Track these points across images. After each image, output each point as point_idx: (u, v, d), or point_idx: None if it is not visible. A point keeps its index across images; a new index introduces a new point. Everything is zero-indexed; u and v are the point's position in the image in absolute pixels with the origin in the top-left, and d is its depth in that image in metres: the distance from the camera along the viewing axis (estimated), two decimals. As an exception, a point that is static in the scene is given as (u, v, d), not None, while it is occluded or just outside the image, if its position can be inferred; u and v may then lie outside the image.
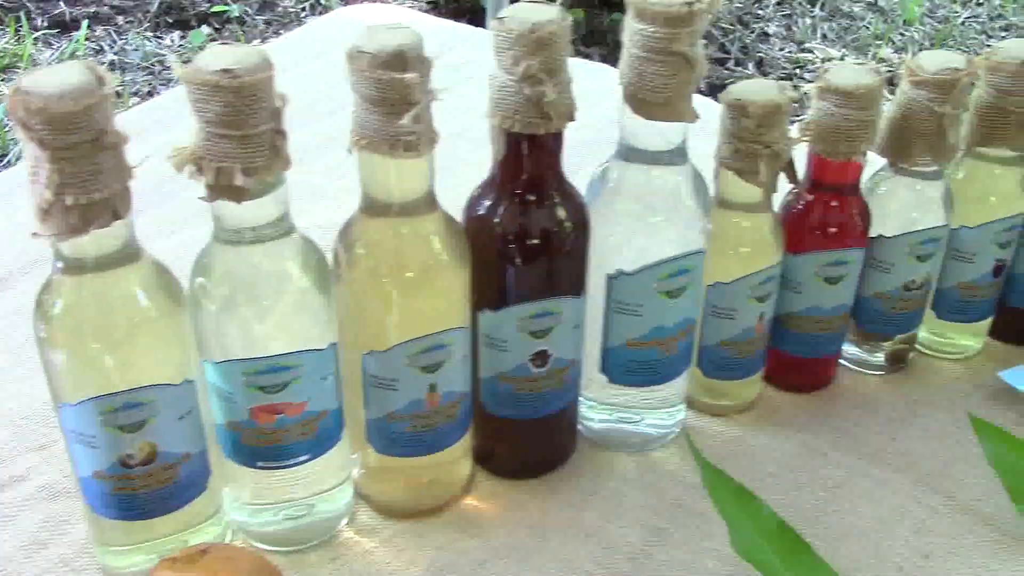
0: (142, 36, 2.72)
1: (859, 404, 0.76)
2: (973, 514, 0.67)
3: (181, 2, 2.88)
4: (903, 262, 0.72)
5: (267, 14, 2.91)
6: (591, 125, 0.60)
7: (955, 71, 0.65)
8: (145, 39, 2.72)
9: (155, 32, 2.78)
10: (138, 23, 2.80)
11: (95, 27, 2.76)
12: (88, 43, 2.64)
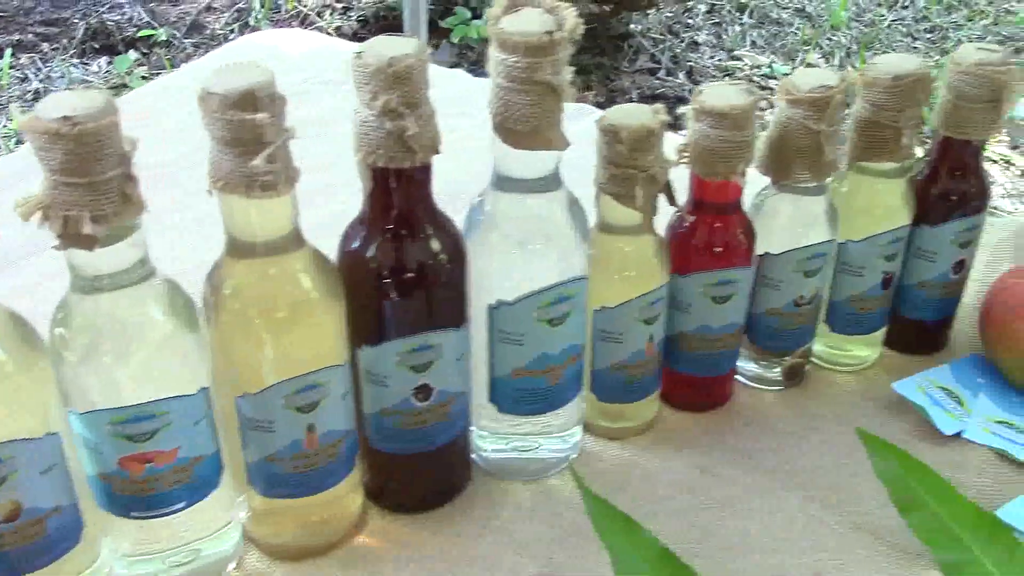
0: (68, 63, 2.68)
1: (756, 421, 0.76)
2: (864, 528, 0.67)
3: (107, 27, 2.85)
4: (791, 278, 0.72)
5: (195, 37, 2.87)
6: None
7: (828, 89, 0.66)
8: (71, 66, 2.68)
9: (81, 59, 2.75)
10: (63, 50, 2.76)
11: (19, 55, 2.72)
12: (13, 71, 2.60)
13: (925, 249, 0.76)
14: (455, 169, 0.65)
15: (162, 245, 0.59)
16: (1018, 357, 0.76)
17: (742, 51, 3.03)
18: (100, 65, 2.74)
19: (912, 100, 0.69)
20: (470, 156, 0.69)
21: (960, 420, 0.75)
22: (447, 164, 0.60)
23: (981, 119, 0.71)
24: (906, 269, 0.78)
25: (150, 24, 2.85)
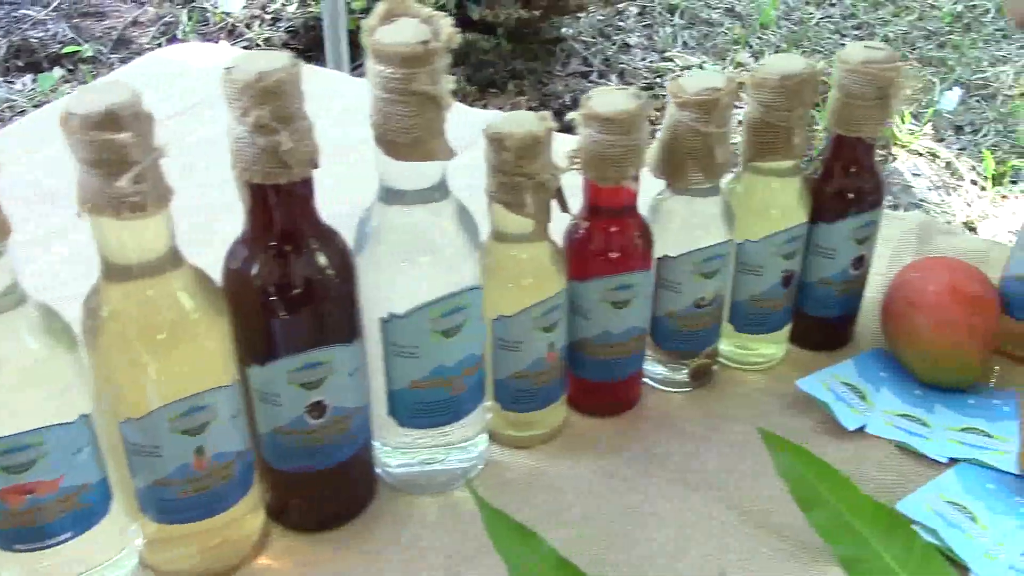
0: (-10, 82, 2.62)
1: (664, 423, 0.76)
2: (767, 527, 0.68)
3: (31, 44, 2.80)
4: (690, 280, 0.73)
5: (122, 52, 2.83)
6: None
7: (715, 91, 0.66)
8: (-7, 85, 2.63)
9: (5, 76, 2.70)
10: (-15, 68, 2.71)
11: (-59, 73, 2.66)
12: (-67, 91, 2.54)
13: (824, 246, 0.77)
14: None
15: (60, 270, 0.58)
16: (918, 350, 0.77)
17: (673, 52, 3.05)
18: (24, 83, 2.69)
19: (800, 100, 0.70)
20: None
21: (863, 415, 0.75)
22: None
23: (871, 116, 0.72)
24: (806, 267, 0.78)
25: (75, 40, 2.80)
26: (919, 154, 2.55)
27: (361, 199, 0.62)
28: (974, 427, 0.75)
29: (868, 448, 0.73)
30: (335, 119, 0.86)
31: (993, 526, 0.67)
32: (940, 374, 0.77)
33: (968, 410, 0.76)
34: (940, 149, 2.57)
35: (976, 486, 0.70)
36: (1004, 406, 0.77)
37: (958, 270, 0.78)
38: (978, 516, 0.68)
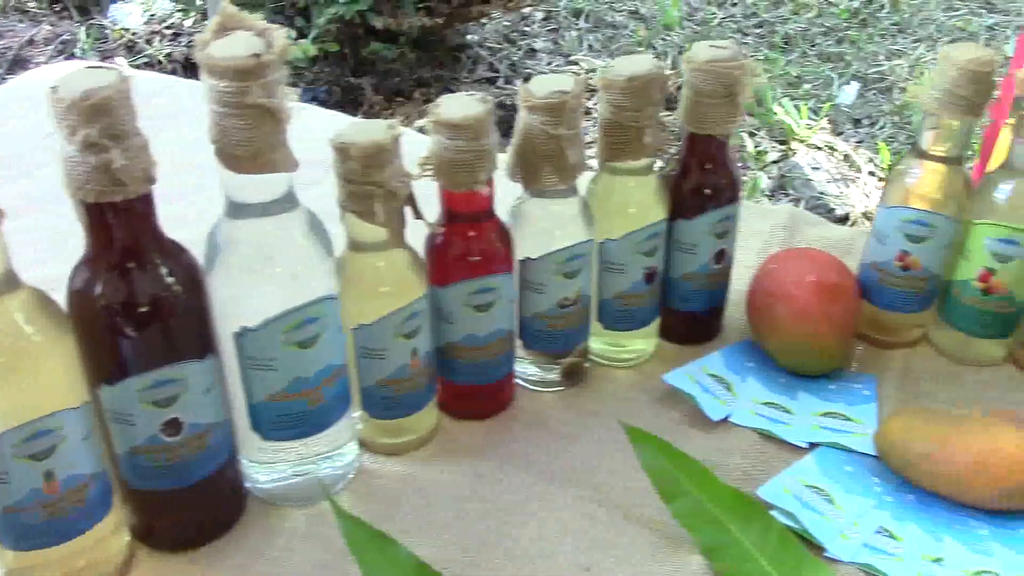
0: None
1: (536, 423, 0.77)
2: (633, 519, 0.69)
3: (-79, 65, 2.72)
4: (553, 280, 0.74)
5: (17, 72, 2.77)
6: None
7: (563, 94, 0.67)
8: None
9: None
10: None
11: None
12: None
13: (684, 242, 0.79)
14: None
15: None
16: (780, 340, 0.79)
17: (579, 55, 3.08)
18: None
19: (649, 99, 0.71)
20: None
21: (728, 405, 0.77)
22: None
23: (720, 114, 0.74)
24: (669, 263, 0.80)
25: (-34, 60, 2.73)
26: (818, 148, 2.61)
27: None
28: (835, 412, 0.77)
29: (733, 437, 0.75)
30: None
31: (849, 507, 0.69)
32: (801, 362, 0.79)
33: (829, 395, 0.79)
34: (838, 142, 2.63)
35: (834, 469, 0.72)
36: (864, 390, 0.79)
37: (816, 260, 0.81)
38: (835, 498, 0.70)
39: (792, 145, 2.62)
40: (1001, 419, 0.69)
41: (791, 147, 2.61)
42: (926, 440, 0.69)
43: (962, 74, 0.72)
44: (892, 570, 0.65)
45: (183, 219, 0.61)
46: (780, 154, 2.59)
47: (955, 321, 0.82)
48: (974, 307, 0.80)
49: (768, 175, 2.50)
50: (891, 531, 0.68)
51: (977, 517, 0.69)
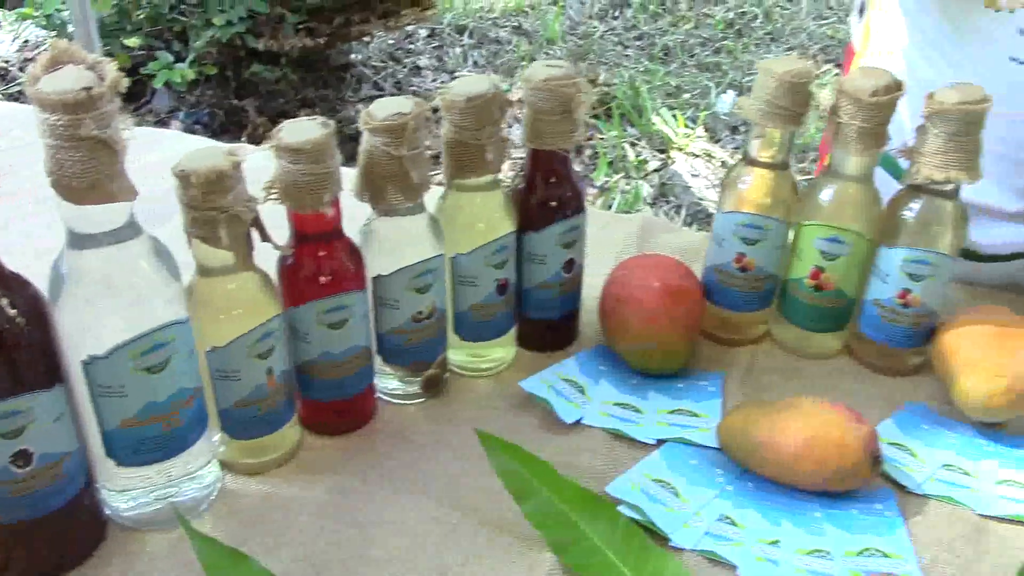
0: None
1: (397, 435, 0.79)
2: (488, 522, 0.71)
3: None
4: (405, 296, 0.76)
5: None
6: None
7: (403, 115, 0.70)
8: None
9: None
10: None
11: None
12: None
13: (534, 253, 0.82)
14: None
15: None
16: (629, 342, 0.83)
17: (463, 72, 3.12)
18: None
19: (489, 118, 0.74)
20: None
21: (581, 408, 0.80)
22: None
23: (559, 130, 0.77)
24: (522, 274, 0.83)
25: None
26: (696, 155, 2.69)
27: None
28: (682, 409, 0.81)
29: (585, 438, 0.78)
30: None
31: (693, 497, 0.73)
32: (650, 363, 0.83)
33: (678, 393, 0.83)
34: (716, 149, 2.72)
35: (679, 463, 0.76)
36: (710, 387, 0.84)
37: (661, 265, 0.85)
38: (680, 490, 0.73)
39: (671, 154, 2.69)
40: (828, 406, 0.73)
41: (670, 156, 2.68)
42: (762, 429, 0.74)
43: (781, 86, 0.77)
44: (732, 555, 0.69)
45: (50, 251, 0.62)
46: (660, 163, 2.67)
47: (793, 317, 0.87)
48: (808, 303, 0.85)
49: (649, 184, 2.57)
50: (732, 518, 0.72)
51: (811, 500, 0.73)
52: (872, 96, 0.76)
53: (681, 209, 2.49)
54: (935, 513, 0.73)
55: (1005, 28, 0.82)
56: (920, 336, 0.84)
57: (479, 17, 3.53)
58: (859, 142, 0.77)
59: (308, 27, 2.67)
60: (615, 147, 2.68)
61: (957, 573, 0.69)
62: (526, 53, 3.24)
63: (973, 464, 0.77)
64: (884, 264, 0.82)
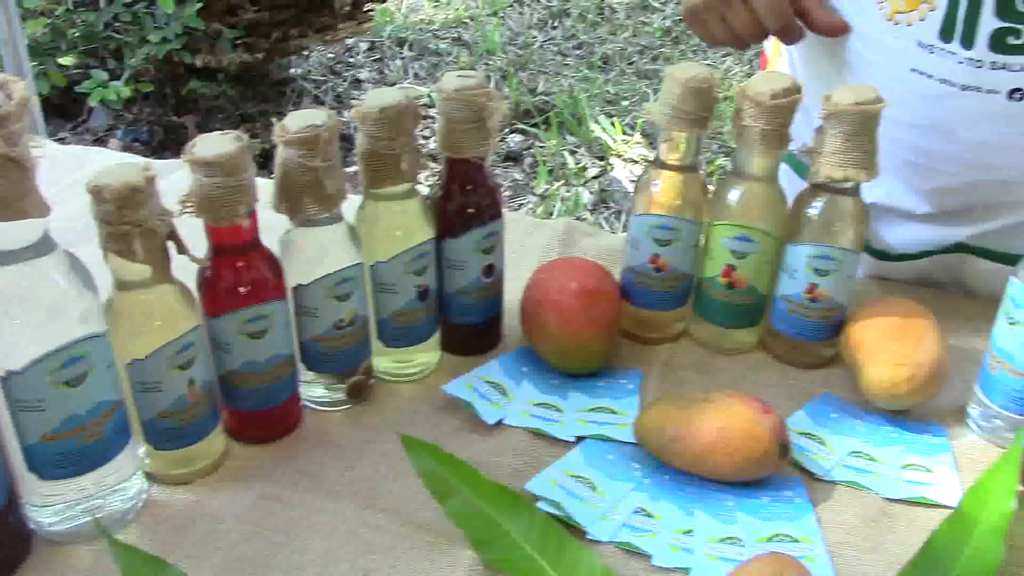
0: None
1: (323, 442, 0.80)
2: (411, 523, 0.73)
3: None
4: (326, 304, 0.77)
5: None
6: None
7: (316, 127, 0.71)
8: None
9: None
10: None
11: None
12: None
13: (454, 259, 0.84)
14: None
15: None
16: (549, 343, 0.85)
17: (404, 84, 3.14)
18: None
19: (402, 128, 0.76)
20: None
21: (503, 409, 0.82)
22: None
23: (473, 138, 0.79)
24: (443, 280, 0.85)
25: None
26: (635, 161, 2.73)
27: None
28: (601, 406, 0.83)
29: (507, 438, 0.80)
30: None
31: (610, 491, 0.75)
32: (569, 363, 0.86)
33: (597, 392, 0.85)
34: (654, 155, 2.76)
35: (598, 459, 0.78)
36: (629, 384, 0.86)
37: (579, 268, 0.87)
38: (597, 485, 0.76)
39: (610, 160, 2.73)
40: (738, 399, 0.76)
41: (609, 162, 2.72)
42: (676, 424, 0.76)
43: (685, 91, 0.80)
44: (647, 545, 0.71)
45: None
46: (599, 169, 2.70)
47: (708, 315, 0.90)
48: (722, 301, 0.88)
49: (589, 190, 2.61)
50: (648, 510, 0.74)
51: (724, 490, 0.76)
52: (772, 99, 0.79)
53: (621, 214, 2.52)
54: (842, 498, 0.76)
55: (906, 41, 0.86)
56: (829, 329, 0.87)
57: (419, 29, 3.55)
58: (762, 143, 0.80)
59: (246, 42, 2.67)
60: (555, 155, 2.71)
61: (862, 554, 0.72)
62: (466, 64, 3.26)
63: (879, 451, 0.80)
64: (791, 261, 0.85)
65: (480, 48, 3.43)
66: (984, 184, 0.91)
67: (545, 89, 3.09)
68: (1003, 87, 0.83)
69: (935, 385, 0.82)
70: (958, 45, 0.83)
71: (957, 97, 0.84)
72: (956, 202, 0.93)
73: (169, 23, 2.32)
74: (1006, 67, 0.82)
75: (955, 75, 0.84)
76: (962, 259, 0.99)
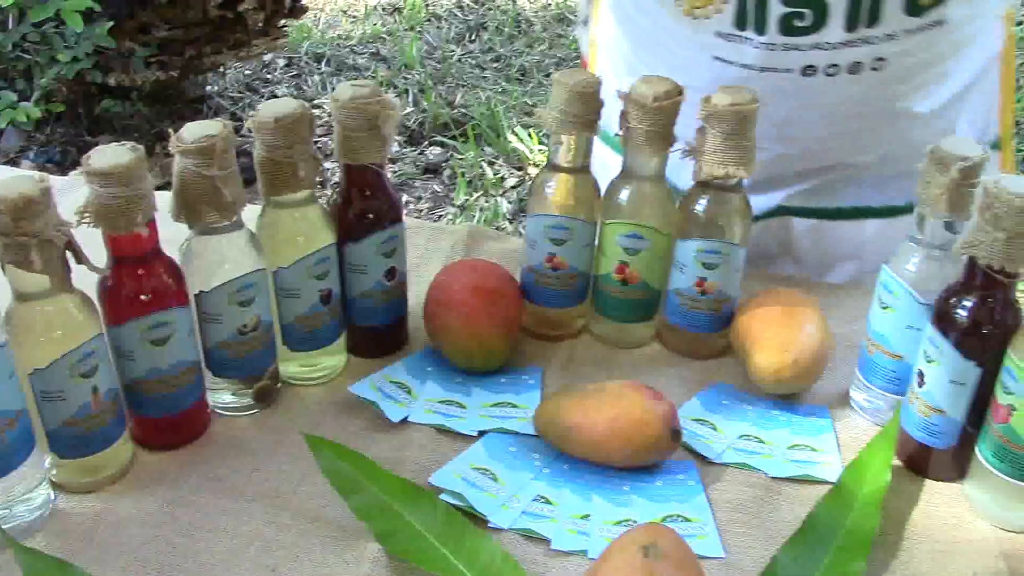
0: None
1: (231, 446, 0.82)
2: (317, 520, 0.75)
3: None
4: (229, 311, 0.79)
5: None
6: None
7: (211, 137, 0.73)
8: None
9: None
10: None
11: None
12: None
13: (355, 264, 0.86)
14: None
15: None
16: (451, 343, 0.88)
17: (322, 99, 3.14)
18: None
19: (298, 137, 0.78)
20: None
21: (407, 407, 0.85)
22: None
23: (369, 146, 0.82)
24: (346, 284, 0.87)
25: None
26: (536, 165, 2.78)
27: None
28: (503, 402, 0.86)
29: (411, 435, 0.83)
30: None
31: (511, 481, 0.78)
32: (472, 361, 0.88)
33: (500, 388, 0.88)
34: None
35: (499, 451, 0.81)
36: (530, 380, 0.89)
37: (478, 269, 0.90)
38: (499, 475, 0.78)
39: (528, 170, 2.77)
40: (631, 388, 0.79)
41: (527, 172, 2.76)
42: (572, 414, 0.79)
43: (571, 96, 0.83)
44: (546, 530, 0.74)
45: None
46: (518, 179, 2.74)
47: (605, 311, 0.93)
48: (617, 297, 0.91)
49: (508, 200, 2.64)
50: (547, 497, 0.77)
51: (620, 476, 0.79)
52: (655, 102, 0.83)
53: (540, 223, 2.56)
54: (732, 479, 0.80)
55: (706, 33, 0.94)
56: (720, 321, 0.91)
57: (337, 45, 3.56)
58: (647, 144, 0.84)
59: (159, 60, 2.66)
60: (473, 167, 2.75)
61: (750, 530, 0.76)
62: (384, 79, 3.29)
63: (767, 433, 0.84)
64: (681, 256, 0.89)
65: (398, 63, 3.45)
66: (789, 156, 1.00)
67: (463, 102, 3.12)
68: (796, 66, 0.93)
69: (818, 369, 0.86)
70: (752, 32, 0.92)
71: (758, 79, 0.92)
72: (769, 172, 1.00)
73: (79, 42, 2.30)
74: (797, 48, 0.92)
75: (754, 59, 0.93)
76: (785, 222, 1.07)
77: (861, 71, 0.94)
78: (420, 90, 3.22)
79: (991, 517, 0.77)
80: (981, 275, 0.73)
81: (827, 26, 0.91)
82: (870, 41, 0.92)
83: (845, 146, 1.01)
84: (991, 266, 0.72)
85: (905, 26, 0.92)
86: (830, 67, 0.93)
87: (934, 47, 0.95)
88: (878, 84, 0.95)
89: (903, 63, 0.94)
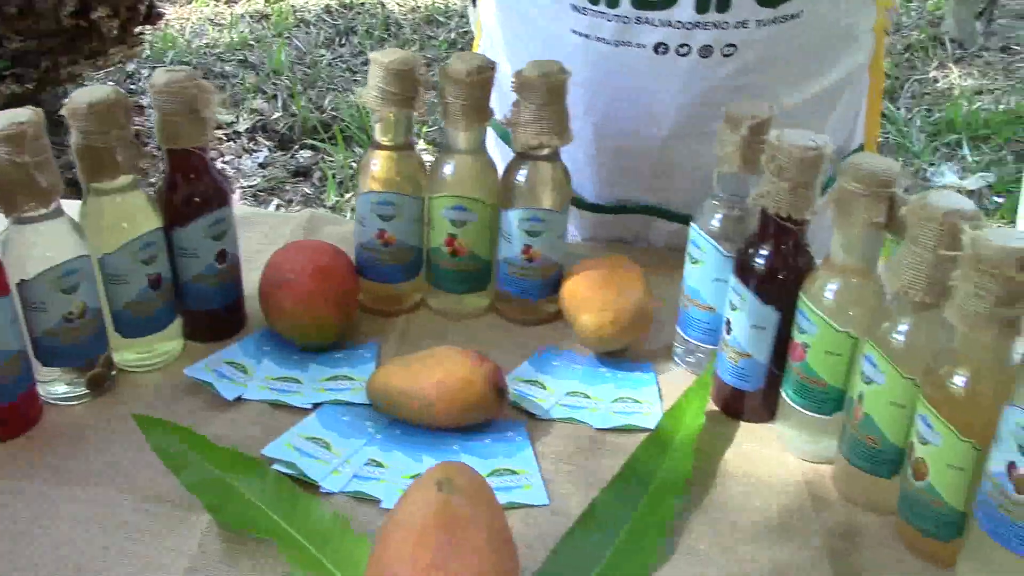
0: None
1: (65, 435, 0.82)
2: (151, 498, 0.75)
3: None
4: (53, 298, 0.79)
5: None
6: None
7: (20, 124, 0.73)
8: None
9: None
10: None
11: None
12: None
13: (185, 248, 0.87)
14: None
15: None
16: (286, 322, 0.90)
17: (189, 107, 3.11)
18: None
19: (114, 123, 0.79)
20: None
21: (242, 386, 0.86)
22: None
23: (190, 130, 0.83)
24: (178, 268, 0.88)
25: None
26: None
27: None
28: (340, 375, 0.88)
29: (246, 412, 0.84)
30: None
31: (343, 448, 0.80)
32: (307, 338, 0.90)
33: (336, 363, 0.90)
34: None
35: (333, 421, 0.83)
36: (366, 353, 0.92)
37: (311, 248, 0.92)
38: (331, 444, 0.81)
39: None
40: (456, 352, 0.83)
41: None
42: (402, 380, 0.82)
43: (388, 73, 0.86)
44: (376, 491, 0.77)
45: None
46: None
47: (439, 283, 0.96)
48: (449, 269, 0.94)
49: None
50: (378, 460, 0.79)
51: (451, 436, 0.82)
52: (468, 76, 0.86)
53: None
54: (560, 433, 0.84)
55: (562, 6, 0.95)
56: (548, 286, 0.95)
57: (203, 53, 3.52)
58: (464, 118, 0.88)
59: (14, 73, 2.59)
60: (343, 168, 2.75)
61: (574, 478, 0.80)
62: (252, 85, 3.26)
63: (594, 388, 0.89)
64: (506, 226, 0.92)
65: (266, 69, 3.43)
66: (649, 134, 0.99)
67: (334, 105, 3.12)
68: (648, 41, 0.93)
69: (639, 326, 0.90)
70: (605, 5, 0.92)
71: (613, 54, 0.94)
72: (631, 159, 1.02)
73: (-75, 57, 2.23)
74: (648, 21, 0.91)
75: (608, 33, 0.93)
76: (647, 221, 1.10)
77: (711, 55, 0.92)
78: (289, 95, 3.21)
79: (798, 451, 0.83)
80: (773, 225, 0.79)
81: (678, 4, 0.90)
82: (720, 26, 0.91)
83: (695, 132, 0.97)
84: (779, 215, 0.77)
85: (758, 16, 0.91)
86: (681, 47, 0.92)
87: (791, 41, 0.94)
88: (734, 72, 0.94)
89: (756, 52, 0.93)
